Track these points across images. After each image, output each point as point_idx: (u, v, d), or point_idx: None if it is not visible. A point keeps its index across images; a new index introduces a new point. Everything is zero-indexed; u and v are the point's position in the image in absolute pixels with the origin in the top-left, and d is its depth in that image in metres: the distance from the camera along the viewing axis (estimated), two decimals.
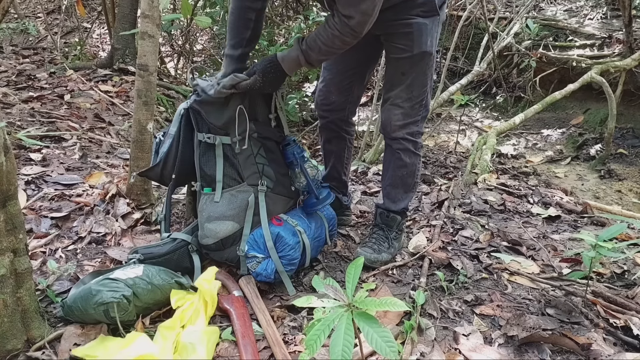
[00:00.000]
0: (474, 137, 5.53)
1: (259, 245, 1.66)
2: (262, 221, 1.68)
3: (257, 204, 1.69)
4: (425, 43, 1.74)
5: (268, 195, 1.72)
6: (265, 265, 1.65)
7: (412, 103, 1.83)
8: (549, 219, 2.50)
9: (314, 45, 1.57)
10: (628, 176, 4.58)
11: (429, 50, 1.75)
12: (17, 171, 1.49)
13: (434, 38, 1.76)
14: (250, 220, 1.68)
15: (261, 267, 1.65)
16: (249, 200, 1.68)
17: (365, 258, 1.92)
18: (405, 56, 1.77)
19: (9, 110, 3.19)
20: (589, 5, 6.93)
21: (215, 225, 1.66)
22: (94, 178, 2.40)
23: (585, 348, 1.37)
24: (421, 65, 1.78)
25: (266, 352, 1.38)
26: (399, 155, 1.91)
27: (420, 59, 1.76)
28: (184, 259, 1.71)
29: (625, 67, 4.91)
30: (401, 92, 1.82)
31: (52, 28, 6.67)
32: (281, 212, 1.79)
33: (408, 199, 2.02)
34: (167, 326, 1.39)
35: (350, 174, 3.24)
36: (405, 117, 1.84)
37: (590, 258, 1.59)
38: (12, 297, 1.27)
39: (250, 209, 1.68)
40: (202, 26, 4.37)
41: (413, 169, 1.94)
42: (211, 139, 1.67)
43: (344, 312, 1.03)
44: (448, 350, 1.41)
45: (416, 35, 1.72)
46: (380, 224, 2.02)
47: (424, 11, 1.71)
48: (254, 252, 1.66)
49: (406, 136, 1.88)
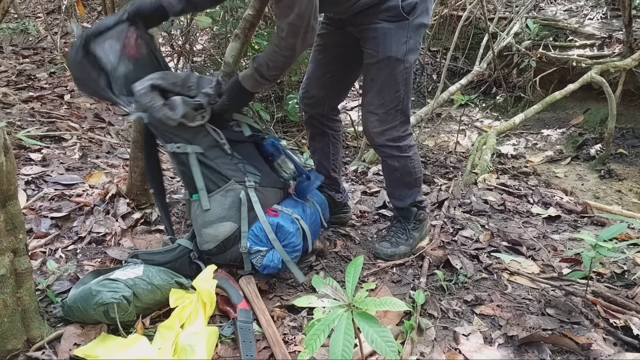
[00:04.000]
0: (474, 137, 5.53)
1: (260, 238, 1.66)
2: (259, 214, 1.66)
3: (249, 200, 1.67)
4: (390, 48, 1.72)
5: (257, 189, 1.70)
6: (271, 256, 1.65)
7: (386, 109, 1.81)
8: (549, 219, 2.50)
9: (263, 62, 1.61)
10: (628, 176, 4.57)
11: (394, 56, 1.72)
12: (17, 171, 1.49)
13: (402, 43, 1.73)
14: (246, 217, 1.67)
15: (267, 260, 1.65)
16: (240, 197, 1.67)
17: (383, 253, 1.95)
18: (372, 61, 1.77)
19: (9, 110, 3.18)
20: (589, 5, 6.92)
21: (213, 229, 1.66)
22: (94, 178, 2.40)
23: (585, 348, 1.37)
24: (389, 71, 1.76)
25: (266, 352, 1.38)
26: (386, 162, 1.94)
27: (386, 64, 1.74)
28: (185, 267, 1.70)
29: (625, 67, 4.91)
30: (372, 99, 1.82)
31: (52, 28, 6.67)
32: (274, 204, 1.78)
33: (415, 193, 2.01)
34: (166, 326, 1.39)
35: (350, 173, 3.24)
36: (382, 124, 1.84)
37: (590, 258, 1.59)
38: (12, 297, 1.27)
39: (244, 206, 1.67)
40: (202, 26, 4.36)
41: (407, 169, 1.94)
42: (181, 147, 1.65)
43: (344, 312, 1.03)
44: (448, 350, 1.41)
45: (380, 40, 1.72)
46: (397, 217, 2.06)
47: (390, 16, 1.70)
48: (257, 246, 1.66)
49: (386, 143, 1.87)
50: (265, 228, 1.65)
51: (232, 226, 1.67)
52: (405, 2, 1.69)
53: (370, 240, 2.14)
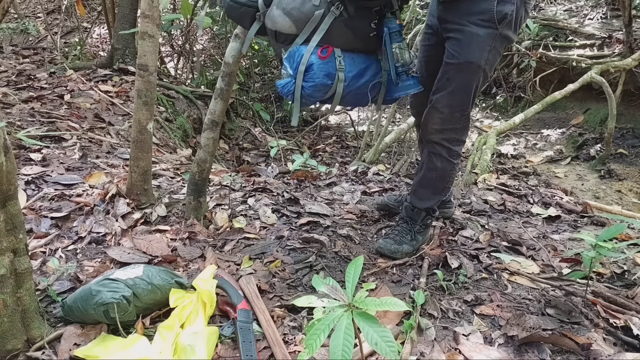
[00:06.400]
0: (474, 137, 5.53)
1: (294, 60, 1.63)
2: (310, 42, 1.62)
3: (320, 22, 1.61)
4: (473, 54, 1.72)
5: (337, 21, 1.62)
6: (288, 83, 1.65)
7: (452, 110, 1.83)
8: (549, 219, 2.50)
9: None
10: (628, 176, 4.58)
11: (476, 62, 1.73)
12: (17, 171, 1.49)
13: (485, 51, 1.73)
14: (307, 33, 1.63)
15: (284, 82, 1.66)
16: (315, 13, 1.60)
17: (386, 249, 1.95)
18: (452, 62, 1.76)
19: (9, 110, 3.18)
20: (589, 5, 6.93)
21: (278, 13, 1.62)
22: (94, 178, 2.40)
23: (585, 348, 1.37)
24: (465, 75, 1.77)
25: (266, 352, 1.38)
26: (431, 158, 1.93)
27: (466, 68, 1.75)
28: (246, 20, 1.73)
29: (625, 67, 4.92)
30: (442, 98, 1.82)
31: (52, 28, 6.68)
32: (340, 47, 1.68)
33: (435, 200, 2.02)
34: (166, 326, 1.39)
35: (350, 173, 3.25)
36: (444, 123, 1.86)
37: (590, 258, 1.59)
38: (12, 297, 1.27)
39: (312, 24, 1.61)
40: (202, 26, 4.36)
41: (444, 174, 1.95)
42: None
43: (344, 312, 1.03)
44: (448, 350, 1.41)
45: (465, 43, 1.72)
46: (404, 217, 2.05)
47: (482, 20, 1.69)
48: (287, 63, 1.66)
49: (442, 142, 1.89)
50: (303, 57, 1.61)
51: (290, 27, 1.63)
52: (499, 7, 1.67)
53: (370, 240, 2.14)
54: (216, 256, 1.85)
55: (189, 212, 2.10)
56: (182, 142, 3.98)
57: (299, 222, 2.21)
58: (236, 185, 2.64)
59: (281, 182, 2.86)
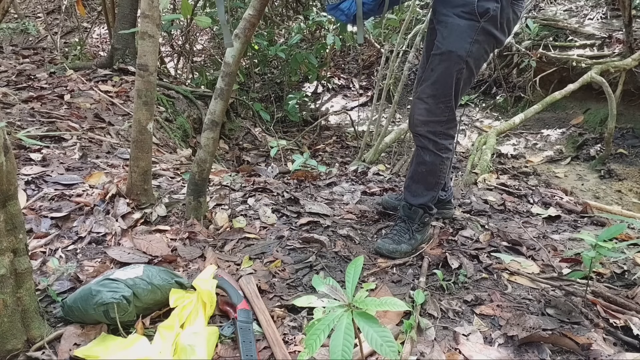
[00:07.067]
0: (474, 137, 5.53)
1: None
2: None
3: None
4: (453, 43, 1.77)
5: None
6: (349, 4, 1.81)
7: (436, 101, 1.86)
8: (549, 219, 2.50)
9: None
10: (628, 176, 4.58)
11: (455, 52, 1.77)
12: (17, 171, 1.49)
13: (466, 42, 1.77)
14: None
15: (346, 4, 1.82)
16: None
17: (385, 248, 1.96)
18: (436, 52, 1.82)
19: (9, 110, 3.18)
20: (589, 5, 6.93)
21: None
22: (94, 178, 2.40)
23: (585, 348, 1.37)
24: (447, 65, 1.80)
25: (266, 352, 1.38)
26: (420, 152, 1.97)
27: (447, 58, 1.79)
28: None
29: (625, 67, 4.92)
30: (427, 88, 1.87)
31: (52, 28, 6.68)
32: None
33: (428, 196, 2.03)
34: (166, 326, 1.39)
35: (350, 173, 3.25)
36: (429, 114, 1.88)
37: (590, 258, 1.59)
38: (12, 297, 1.27)
39: None
40: (202, 26, 4.37)
41: (434, 168, 1.97)
42: None
43: (344, 312, 1.03)
44: (448, 350, 1.41)
45: (447, 34, 1.78)
46: (402, 216, 2.06)
47: (464, 12, 1.75)
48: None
49: (427, 134, 1.92)
50: None
51: None
52: (480, 2, 1.73)
53: (370, 240, 2.14)
54: (216, 256, 1.85)
55: (189, 212, 2.10)
56: (182, 142, 3.98)
57: (299, 222, 2.21)
58: (236, 185, 2.64)
59: (281, 182, 2.86)
